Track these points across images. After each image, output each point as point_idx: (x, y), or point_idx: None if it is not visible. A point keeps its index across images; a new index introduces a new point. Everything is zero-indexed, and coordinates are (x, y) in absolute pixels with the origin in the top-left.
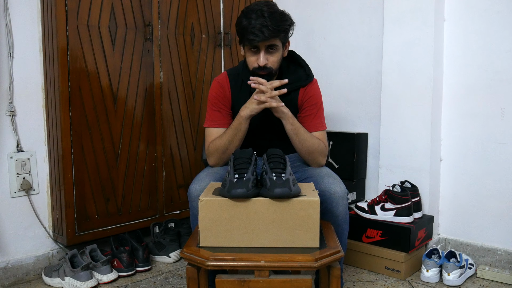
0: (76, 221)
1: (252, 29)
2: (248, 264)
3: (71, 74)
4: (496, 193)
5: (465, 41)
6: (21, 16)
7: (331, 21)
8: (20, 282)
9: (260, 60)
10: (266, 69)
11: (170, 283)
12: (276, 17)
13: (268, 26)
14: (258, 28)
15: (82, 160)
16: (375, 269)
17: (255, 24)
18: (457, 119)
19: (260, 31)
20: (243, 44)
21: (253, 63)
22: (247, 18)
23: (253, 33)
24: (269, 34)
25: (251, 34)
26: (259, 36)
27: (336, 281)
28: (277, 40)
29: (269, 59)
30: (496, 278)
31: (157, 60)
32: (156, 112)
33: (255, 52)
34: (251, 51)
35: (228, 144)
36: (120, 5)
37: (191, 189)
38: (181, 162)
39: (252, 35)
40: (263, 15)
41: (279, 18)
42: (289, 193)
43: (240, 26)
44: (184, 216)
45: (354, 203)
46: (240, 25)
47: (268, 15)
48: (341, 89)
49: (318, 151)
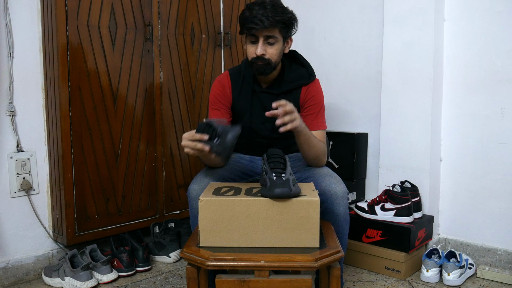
0: (76, 221)
1: (253, 18)
2: (248, 264)
3: (71, 74)
4: (496, 193)
5: (465, 41)
6: (21, 16)
7: (331, 21)
8: (20, 282)
9: (258, 50)
10: (264, 60)
11: (170, 283)
12: (277, 8)
13: (268, 16)
14: (258, 17)
15: (82, 160)
16: (375, 269)
17: (256, 14)
18: (457, 119)
19: (260, 20)
20: (243, 33)
21: (252, 54)
22: (250, 10)
23: (252, 21)
24: (268, 23)
25: (250, 23)
26: (258, 25)
27: (336, 281)
28: (276, 31)
29: (267, 50)
30: (496, 278)
31: (157, 60)
32: (156, 112)
33: (254, 42)
34: (250, 42)
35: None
36: (120, 5)
37: (191, 189)
38: (181, 162)
39: (252, 23)
40: (265, 7)
41: (280, 10)
42: (289, 193)
43: (242, 17)
44: (184, 216)
45: (354, 203)
46: (243, 15)
47: (270, 7)
48: (341, 89)
49: (323, 155)
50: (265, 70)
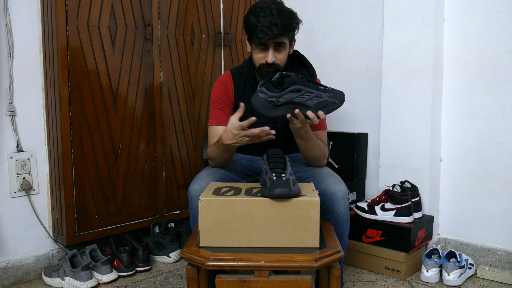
0: (76, 221)
1: (262, 27)
2: (248, 264)
3: (71, 74)
4: (496, 193)
5: (465, 41)
6: (21, 16)
7: (331, 21)
8: (20, 282)
9: (269, 58)
10: (274, 66)
11: (170, 283)
12: (285, 15)
13: (277, 24)
14: (267, 26)
15: (82, 160)
16: (375, 269)
17: (264, 22)
18: (457, 119)
19: (269, 29)
20: (253, 42)
21: (261, 60)
22: (256, 16)
23: (262, 31)
24: (278, 32)
25: (260, 32)
26: (268, 34)
27: (336, 281)
28: (285, 38)
29: (277, 56)
30: (496, 278)
31: (157, 60)
32: (156, 112)
33: (263, 49)
34: (259, 48)
35: (218, 158)
36: (120, 5)
37: (191, 189)
38: (181, 162)
39: (262, 33)
40: (272, 13)
41: (288, 16)
42: (289, 193)
43: (249, 24)
44: (184, 216)
45: (354, 203)
46: (249, 22)
47: (277, 13)
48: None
49: (323, 156)
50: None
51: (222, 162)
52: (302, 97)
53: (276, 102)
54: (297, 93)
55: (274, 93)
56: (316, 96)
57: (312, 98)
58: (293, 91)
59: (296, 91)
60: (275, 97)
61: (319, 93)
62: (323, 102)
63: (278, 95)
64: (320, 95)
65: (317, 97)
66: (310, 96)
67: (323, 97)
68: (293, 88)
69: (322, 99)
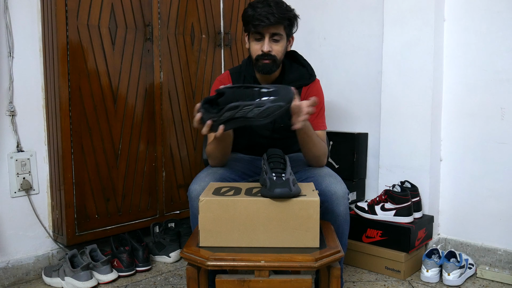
0: (76, 221)
1: (258, 16)
2: (248, 264)
3: (71, 74)
4: (496, 193)
5: (465, 41)
6: (21, 16)
7: (331, 21)
8: (20, 282)
9: (265, 47)
10: (270, 57)
11: (170, 283)
12: (281, 6)
13: (274, 13)
14: (264, 15)
15: (82, 160)
16: (375, 269)
17: (261, 11)
18: (457, 119)
19: (266, 17)
20: (248, 31)
21: (257, 51)
22: (253, 8)
23: (258, 19)
24: (275, 20)
25: (256, 20)
26: (264, 22)
27: (336, 281)
28: (281, 29)
29: (273, 47)
30: (496, 278)
31: (157, 60)
32: (156, 112)
33: (260, 40)
34: (255, 40)
35: (215, 151)
36: (120, 5)
37: (191, 189)
38: (181, 162)
39: (258, 21)
40: (269, 4)
41: (285, 7)
42: (289, 193)
43: (246, 15)
44: (184, 216)
45: (354, 203)
46: (246, 13)
47: (274, 4)
48: (341, 89)
49: (324, 154)
50: (271, 68)
51: (220, 156)
52: (242, 111)
53: (219, 121)
54: (235, 109)
55: (213, 114)
56: (257, 106)
57: (253, 110)
58: (230, 109)
59: (234, 108)
60: (216, 117)
61: (260, 102)
62: (266, 110)
63: (217, 115)
64: (261, 103)
65: (258, 106)
66: (250, 108)
67: (266, 105)
68: (229, 106)
69: (264, 107)
